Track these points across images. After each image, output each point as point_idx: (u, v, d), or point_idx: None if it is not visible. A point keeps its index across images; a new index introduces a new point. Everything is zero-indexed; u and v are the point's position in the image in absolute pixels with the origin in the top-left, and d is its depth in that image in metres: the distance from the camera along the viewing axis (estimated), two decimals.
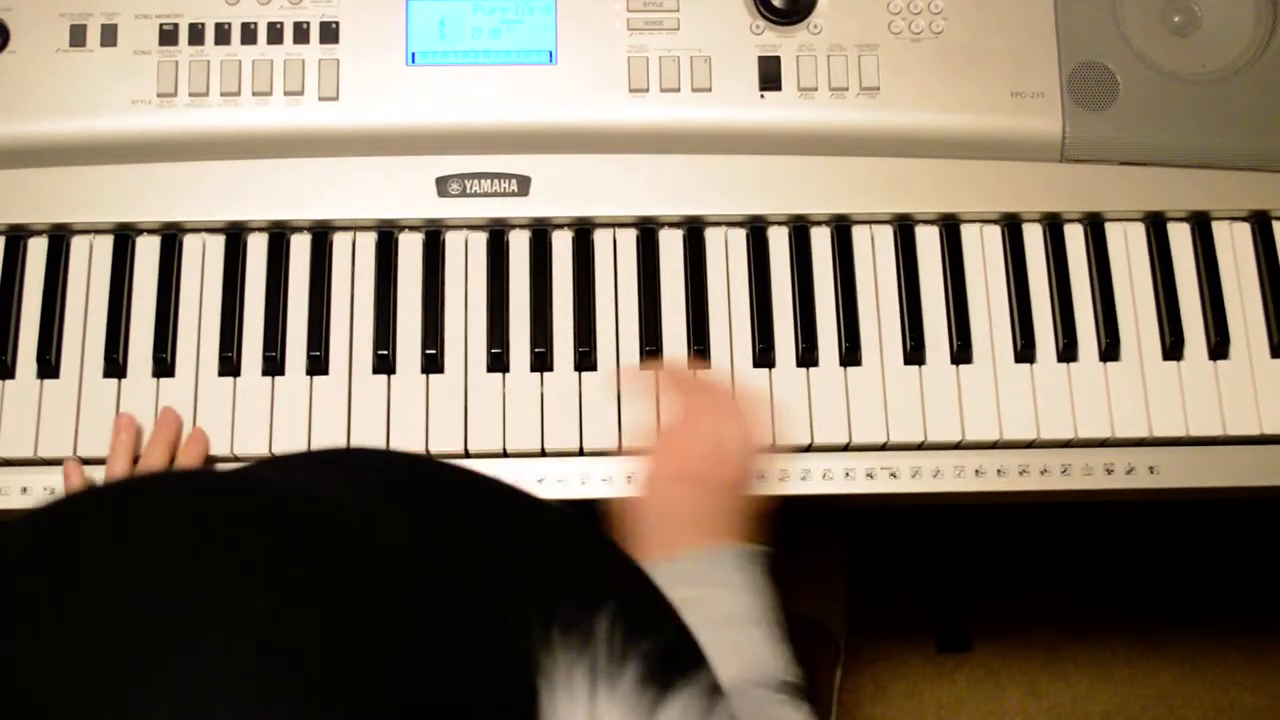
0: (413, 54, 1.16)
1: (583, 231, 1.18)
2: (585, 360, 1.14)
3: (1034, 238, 1.19)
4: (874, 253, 1.18)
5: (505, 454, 1.13)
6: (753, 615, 0.99)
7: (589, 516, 0.59)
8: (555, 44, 1.17)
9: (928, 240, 1.19)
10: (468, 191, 1.17)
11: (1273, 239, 1.20)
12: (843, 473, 1.14)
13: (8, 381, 1.13)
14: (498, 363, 1.14)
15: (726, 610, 0.99)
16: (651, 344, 1.15)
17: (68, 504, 0.49)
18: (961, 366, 1.15)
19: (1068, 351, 1.16)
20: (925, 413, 1.14)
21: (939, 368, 1.15)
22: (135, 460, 1.10)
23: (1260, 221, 1.20)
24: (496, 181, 1.17)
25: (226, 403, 1.13)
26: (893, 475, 1.14)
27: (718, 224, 1.18)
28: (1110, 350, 1.16)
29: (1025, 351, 1.16)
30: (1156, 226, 1.20)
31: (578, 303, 1.16)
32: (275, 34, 1.15)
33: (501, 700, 0.46)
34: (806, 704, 0.97)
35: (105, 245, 1.17)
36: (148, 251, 1.16)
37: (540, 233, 1.18)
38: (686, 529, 1.04)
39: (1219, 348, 1.16)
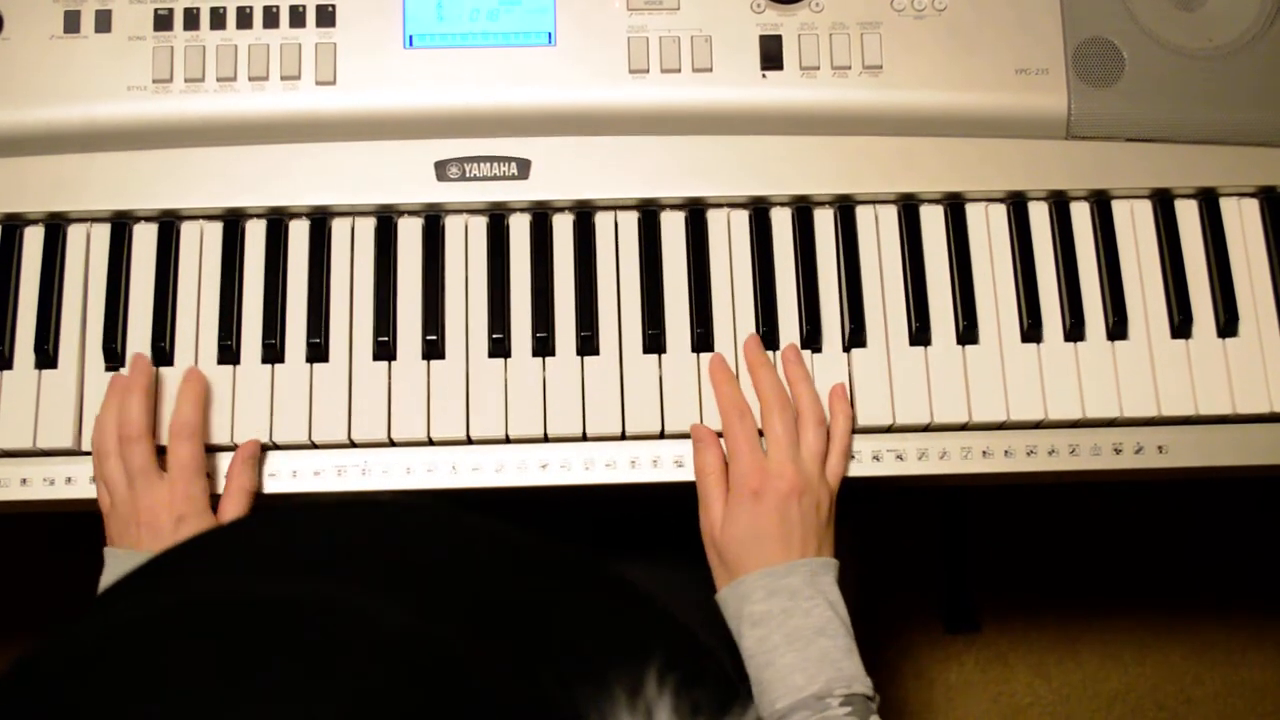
0: (410, 36, 1.15)
1: (583, 214, 1.17)
2: (587, 345, 1.13)
3: (1040, 216, 1.18)
4: (878, 233, 1.17)
5: (508, 440, 1.12)
6: (824, 627, 1.01)
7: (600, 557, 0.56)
8: (554, 25, 1.15)
9: (933, 220, 1.18)
10: (467, 175, 1.15)
11: None
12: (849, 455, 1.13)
13: (5, 372, 1.12)
14: (499, 348, 1.13)
15: (796, 623, 1.00)
16: (654, 327, 1.14)
17: (89, 638, 0.48)
18: (968, 347, 1.14)
19: (1075, 331, 1.15)
20: (932, 394, 1.13)
21: (945, 348, 1.14)
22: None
23: (1268, 197, 1.19)
24: (496, 165, 1.16)
25: (226, 391, 1.12)
26: (899, 457, 1.13)
27: (720, 205, 1.17)
28: (1118, 329, 1.15)
29: (1032, 331, 1.15)
30: (1164, 203, 1.19)
31: (579, 286, 1.15)
32: (271, 18, 1.14)
33: None
34: (876, 717, 0.98)
35: (102, 233, 1.16)
36: (145, 239, 1.16)
37: (541, 216, 1.17)
38: (755, 546, 1.04)
39: (1228, 325, 1.15)
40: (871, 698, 1.01)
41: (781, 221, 1.17)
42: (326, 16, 1.14)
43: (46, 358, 1.12)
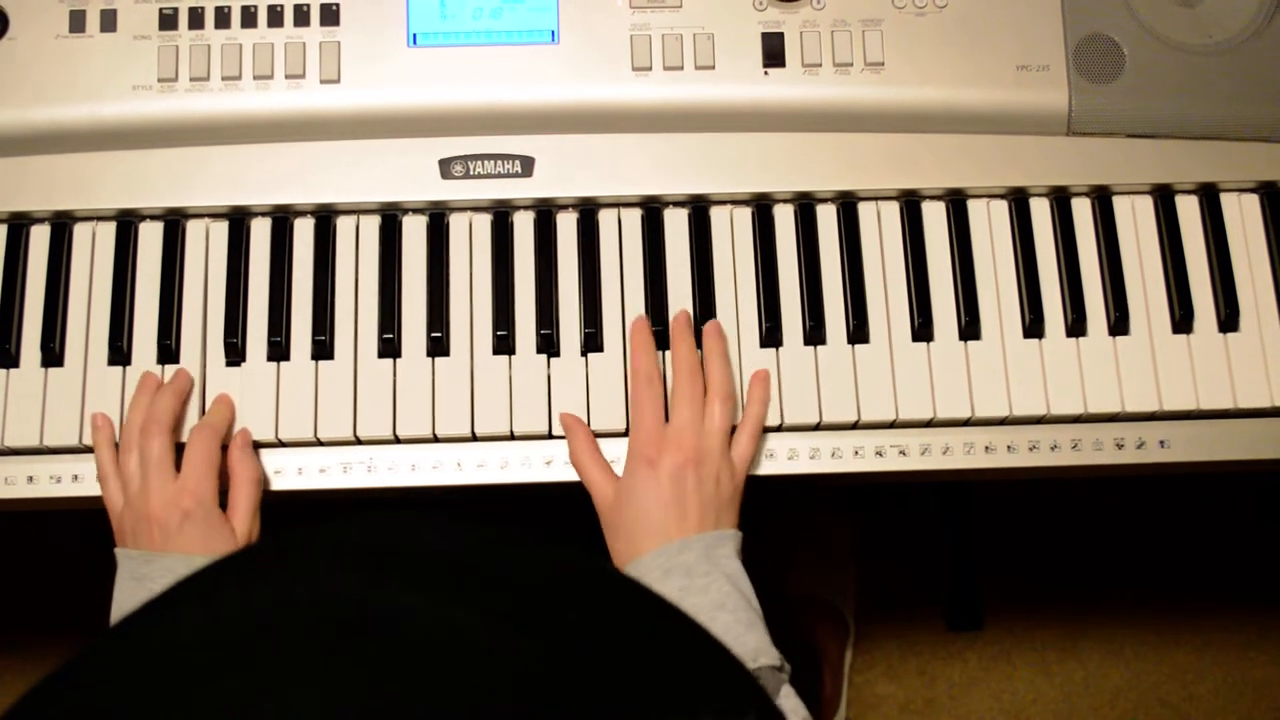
0: (414, 35, 1.15)
1: (587, 212, 1.17)
2: (591, 342, 1.14)
3: (1041, 212, 1.19)
4: (880, 229, 1.18)
5: (513, 437, 1.12)
6: (723, 602, 0.99)
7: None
8: (557, 23, 1.16)
9: (934, 216, 1.18)
10: (471, 173, 1.16)
11: None
12: (851, 451, 1.13)
13: (12, 370, 1.13)
14: (503, 345, 1.14)
15: (694, 602, 0.99)
16: (658, 325, 1.14)
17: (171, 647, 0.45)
18: (970, 342, 1.15)
19: (1077, 326, 1.15)
20: (934, 389, 1.13)
21: (947, 344, 1.15)
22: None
23: (1269, 192, 1.19)
24: (500, 162, 1.16)
25: (232, 389, 1.12)
26: (902, 453, 1.13)
27: (723, 202, 1.18)
28: (1119, 324, 1.15)
29: (1034, 326, 1.15)
30: (1164, 199, 1.19)
31: (583, 284, 1.15)
32: (276, 17, 1.15)
33: None
34: (788, 686, 0.96)
35: (108, 232, 1.16)
36: (151, 238, 1.16)
37: (545, 213, 1.17)
38: (650, 517, 1.04)
39: (1229, 320, 1.16)
40: (780, 668, 0.98)
41: (784, 218, 1.18)
42: (330, 15, 1.15)
43: (52, 356, 1.13)
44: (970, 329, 1.15)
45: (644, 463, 1.06)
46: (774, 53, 1.16)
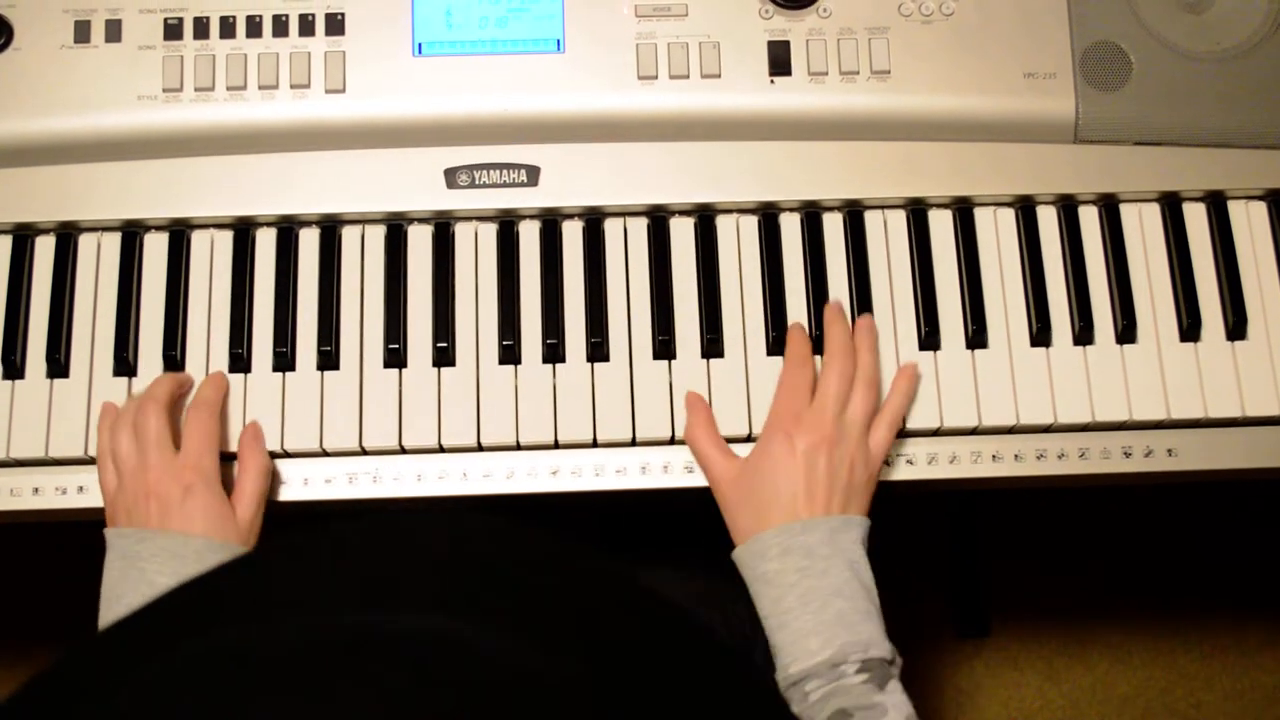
0: (419, 44, 1.15)
1: (593, 221, 1.17)
2: (598, 351, 1.14)
3: (1048, 220, 1.18)
4: (887, 238, 1.17)
5: (519, 446, 1.12)
6: (841, 588, 0.98)
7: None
8: (562, 32, 1.16)
9: (941, 224, 1.18)
10: (476, 182, 1.16)
11: None
12: None
13: (17, 382, 1.13)
14: (509, 355, 1.13)
15: (811, 584, 0.98)
16: (664, 333, 1.14)
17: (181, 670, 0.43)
18: (977, 351, 1.15)
19: (1084, 334, 1.15)
20: (941, 398, 1.13)
21: (954, 353, 1.15)
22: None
23: (1277, 200, 1.19)
24: (505, 172, 1.16)
25: (237, 399, 1.12)
26: (909, 462, 1.13)
27: (729, 211, 1.18)
28: (1127, 333, 1.15)
29: (1041, 335, 1.15)
30: (1172, 207, 1.19)
31: (589, 293, 1.15)
32: (281, 26, 1.15)
33: None
34: (896, 681, 0.96)
35: (113, 243, 1.16)
36: (156, 248, 1.16)
37: (550, 223, 1.17)
38: (777, 490, 1.03)
39: (1237, 328, 1.15)
40: (891, 661, 0.98)
41: (791, 227, 1.17)
42: (336, 25, 1.15)
43: (58, 367, 1.13)
44: (977, 337, 1.15)
45: (782, 435, 1.04)
46: (780, 61, 1.16)
